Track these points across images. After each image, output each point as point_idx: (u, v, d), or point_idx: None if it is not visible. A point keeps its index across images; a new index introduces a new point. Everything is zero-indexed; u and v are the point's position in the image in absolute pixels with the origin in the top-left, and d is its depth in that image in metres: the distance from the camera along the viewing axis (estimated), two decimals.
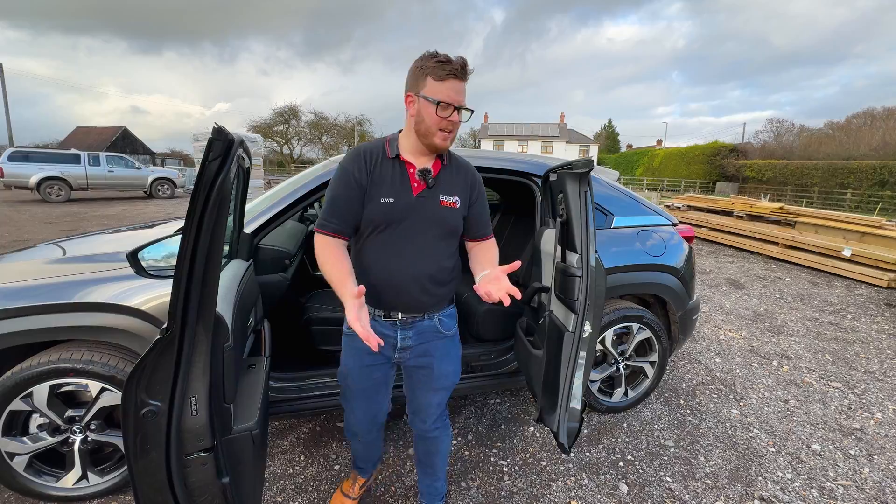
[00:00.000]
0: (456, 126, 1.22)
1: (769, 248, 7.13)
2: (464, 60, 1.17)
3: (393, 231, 1.24)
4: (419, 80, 1.17)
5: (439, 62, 1.14)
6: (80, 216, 9.41)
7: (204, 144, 1.40)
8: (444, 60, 1.15)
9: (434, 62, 1.15)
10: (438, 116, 1.16)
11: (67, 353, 1.56)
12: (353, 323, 1.03)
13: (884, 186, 18.85)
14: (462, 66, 1.16)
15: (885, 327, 4.04)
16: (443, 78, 1.14)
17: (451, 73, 1.15)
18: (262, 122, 38.53)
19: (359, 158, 1.23)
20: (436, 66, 1.14)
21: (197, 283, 0.87)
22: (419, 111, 1.18)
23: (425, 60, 1.17)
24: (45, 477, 1.65)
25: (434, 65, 1.14)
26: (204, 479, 1.01)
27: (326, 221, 1.21)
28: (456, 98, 1.17)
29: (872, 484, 1.96)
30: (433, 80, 1.15)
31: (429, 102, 1.16)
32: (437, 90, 1.15)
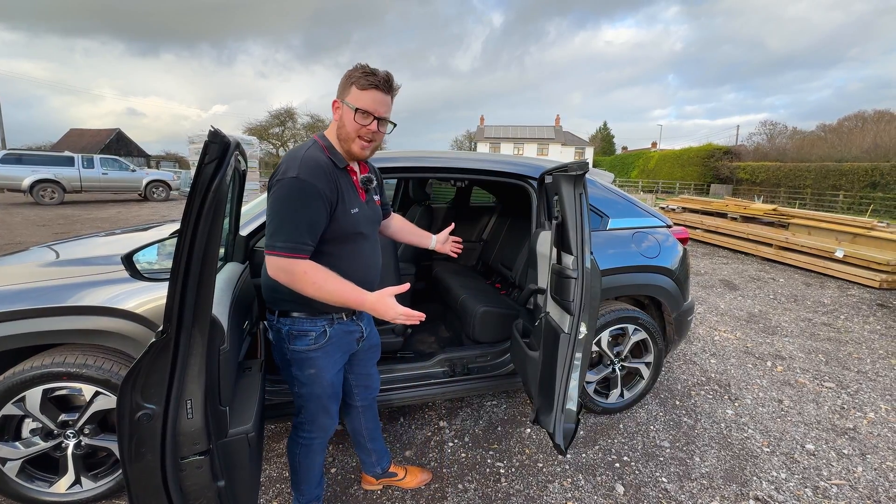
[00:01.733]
0: (376, 136, 1.26)
1: (763, 249, 7.19)
2: (388, 74, 1.23)
3: (357, 238, 1.32)
4: (345, 87, 1.22)
5: (364, 73, 1.19)
6: (74, 219, 9.34)
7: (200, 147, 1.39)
8: (368, 72, 1.20)
9: (360, 72, 1.20)
10: (357, 123, 1.21)
11: (61, 356, 1.55)
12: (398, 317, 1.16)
13: (875, 188, 19.06)
14: (385, 79, 1.21)
15: (877, 327, 4.08)
16: (365, 87, 1.19)
17: (374, 84, 1.19)
18: (258, 125, 38.44)
19: (322, 174, 1.19)
20: (360, 76, 1.19)
21: (193, 285, 0.87)
22: (342, 117, 1.23)
23: (353, 70, 1.22)
24: (38, 482, 1.63)
25: (360, 75, 1.19)
26: (199, 482, 1.00)
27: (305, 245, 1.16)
28: (375, 108, 1.21)
29: (865, 483, 1.98)
30: (356, 89, 1.20)
31: (349, 109, 1.20)
32: (358, 98, 1.20)
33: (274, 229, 1.15)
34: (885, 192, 18.58)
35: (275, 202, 1.16)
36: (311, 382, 1.38)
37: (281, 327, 1.33)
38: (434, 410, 2.47)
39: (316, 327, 1.33)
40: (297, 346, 1.33)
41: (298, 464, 1.53)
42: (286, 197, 1.14)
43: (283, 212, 1.14)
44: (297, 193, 1.14)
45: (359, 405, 1.67)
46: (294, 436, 1.52)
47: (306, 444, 1.49)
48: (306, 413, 1.45)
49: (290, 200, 1.14)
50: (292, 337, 1.32)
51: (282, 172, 1.18)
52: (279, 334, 1.34)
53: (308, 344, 1.33)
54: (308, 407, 1.43)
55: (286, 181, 1.15)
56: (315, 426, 1.47)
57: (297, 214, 1.15)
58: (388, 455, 1.84)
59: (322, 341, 1.34)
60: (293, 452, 1.53)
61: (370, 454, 1.77)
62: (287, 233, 1.14)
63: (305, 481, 1.55)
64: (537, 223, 2.25)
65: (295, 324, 1.32)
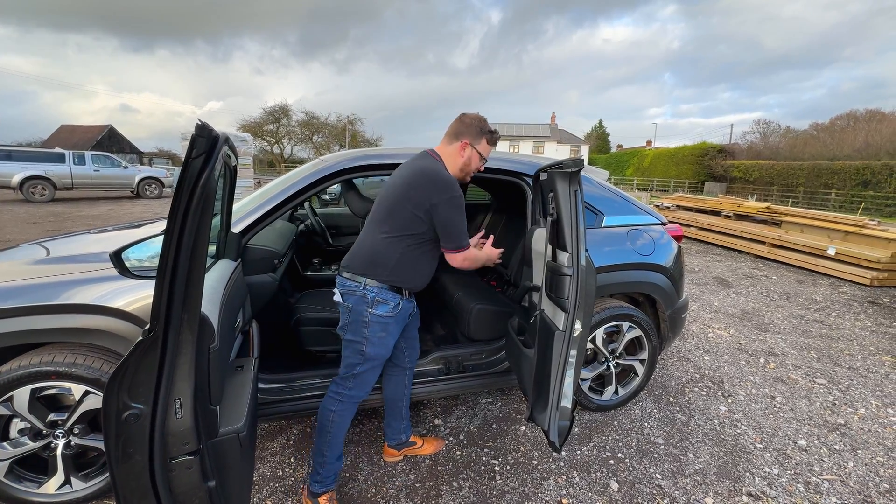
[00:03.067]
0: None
1: (756, 247, 7.24)
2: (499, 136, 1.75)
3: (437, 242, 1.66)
4: (479, 137, 1.66)
5: (492, 133, 1.68)
6: (65, 216, 9.22)
7: None
8: (496, 133, 1.70)
9: (490, 131, 1.67)
10: (476, 164, 1.70)
11: (49, 355, 1.53)
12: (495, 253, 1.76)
13: (866, 187, 19.26)
14: (499, 138, 1.74)
15: (868, 324, 4.12)
16: (492, 143, 1.71)
17: (496, 140, 1.71)
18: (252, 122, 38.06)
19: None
20: (491, 135, 1.68)
21: (181, 283, 0.85)
22: (470, 157, 1.66)
23: (485, 126, 1.66)
24: (27, 483, 1.60)
25: (490, 133, 1.68)
26: (189, 483, 0.99)
27: (466, 240, 1.61)
28: (489, 156, 1.73)
29: (856, 478, 2.00)
30: (486, 143, 1.68)
31: (479, 156, 1.68)
32: (486, 150, 1.70)
33: (451, 236, 1.57)
34: (876, 190, 18.78)
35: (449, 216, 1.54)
36: (380, 344, 1.62)
37: (367, 293, 1.56)
38: (429, 408, 2.46)
39: (395, 298, 1.60)
40: (378, 310, 1.57)
41: (331, 422, 1.64)
42: (458, 209, 1.55)
43: (457, 219, 1.55)
44: (460, 206, 1.56)
45: (408, 367, 1.92)
46: (334, 393, 1.67)
47: (344, 399, 1.65)
48: (360, 370, 1.63)
49: (460, 211, 1.55)
50: (377, 303, 1.57)
51: (446, 192, 1.52)
52: (364, 298, 1.57)
53: (387, 311, 1.59)
54: (364, 365, 1.63)
55: (453, 200, 1.53)
56: (361, 384, 1.65)
57: (462, 219, 1.57)
58: (411, 426, 2.06)
59: (397, 311, 1.61)
60: (328, 409, 1.65)
61: (402, 420, 1.97)
62: (459, 236, 1.58)
63: (331, 445, 1.65)
64: (532, 220, 2.24)
65: (381, 293, 1.57)
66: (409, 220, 1.54)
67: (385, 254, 1.57)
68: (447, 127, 1.70)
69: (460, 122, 1.66)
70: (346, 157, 2.06)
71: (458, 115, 1.70)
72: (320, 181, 1.97)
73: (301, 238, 3.59)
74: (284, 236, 2.58)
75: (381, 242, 1.58)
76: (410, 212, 1.53)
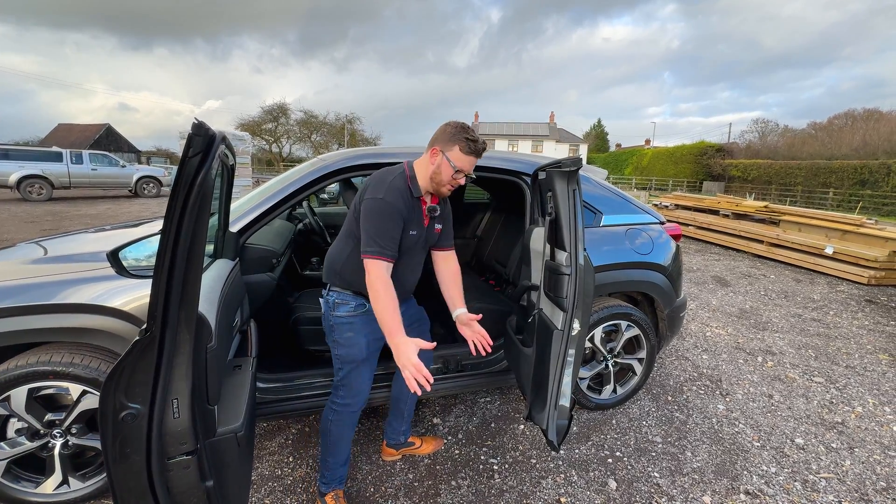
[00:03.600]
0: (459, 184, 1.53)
1: (754, 246, 7.25)
2: (485, 144, 1.49)
3: (408, 253, 1.56)
4: (450, 143, 1.45)
5: (469, 140, 1.44)
6: (63, 215, 9.19)
7: None
8: (473, 140, 1.44)
9: (465, 137, 1.44)
10: (452, 177, 1.48)
11: (47, 355, 1.52)
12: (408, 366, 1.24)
13: (864, 186, 19.30)
14: (483, 149, 1.49)
15: (865, 323, 4.14)
16: (468, 153, 1.45)
17: (474, 151, 1.46)
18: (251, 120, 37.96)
19: (401, 198, 1.44)
20: (466, 142, 1.44)
21: (178, 282, 0.85)
22: (439, 165, 1.47)
23: (460, 132, 1.45)
24: (24, 483, 1.60)
25: (465, 140, 1.44)
26: (187, 482, 0.99)
27: (386, 249, 1.40)
28: (469, 169, 1.49)
29: (853, 476, 2.00)
30: (460, 151, 1.44)
31: (450, 165, 1.45)
32: (459, 159, 1.45)
33: (367, 238, 1.40)
34: (873, 189, 18.82)
35: (365, 216, 1.41)
36: (349, 344, 1.58)
37: (329, 297, 1.58)
38: (428, 407, 2.46)
39: (356, 299, 1.57)
40: (339, 311, 1.56)
41: (329, 431, 1.64)
42: (372, 212, 1.40)
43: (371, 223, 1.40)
44: (376, 210, 1.40)
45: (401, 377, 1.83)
46: (329, 402, 1.67)
47: (339, 409, 1.63)
48: (342, 375, 1.61)
49: (374, 215, 1.40)
50: (337, 305, 1.56)
51: (372, 192, 1.42)
52: (327, 304, 1.58)
53: (348, 310, 1.56)
54: (343, 369, 1.60)
55: (374, 201, 1.40)
56: (350, 391, 1.62)
57: (379, 225, 1.40)
58: (411, 428, 2.07)
59: (362, 310, 1.57)
60: (326, 419, 1.65)
61: (403, 421, 1.97)
62: (376, 241, 1.39)
63: (333, 453, 1.65)
64: (531, 220, 2.24)
65: (340, 295, 1.57)
66: (352, 221, 1.53)
67: (336, 258, 1.58)
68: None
69: (440, 128, 1.53)
70: (344, 156, 2.05)
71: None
72: (319, 180, 1.97)
73: (299, 237, 3.58)
74: (283, 235, 2.57)
75: (336, 247, 1.61)
76: (352, 215, 1.53)
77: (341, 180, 2.11)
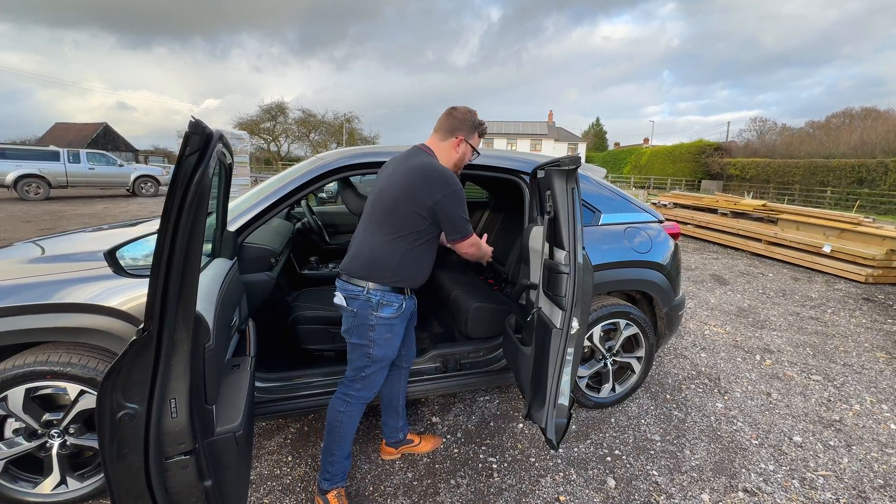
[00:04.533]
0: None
1: (752, 244, 7.27)
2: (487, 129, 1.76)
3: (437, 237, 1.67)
4: (472, 132, 1.68)
5: (483, 127, 1.71)
6: (60, 214, 9.16)
7: None
8: (485, 126, 1.72)
9: (481, 126, 1.70)
10: (469, 158, 1.71)
11: (44, 355, 1.52)
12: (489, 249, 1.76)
13: (861, 184, 19.35)
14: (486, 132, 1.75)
15: (862, 321, 4.15)
16: (482, 136, 1.74)
17: (484, 133, 1.73)
18: (249, 119, 37.88)
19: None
20: (482, 128, 1.70)
21: (175, 282, 0.85)
22: (464, 153, 1.68)
23: (476, 120, 1.68)
24: (22, 483, 1.60)
25: (481, 126, 1.70)
26: (185, 482, 0.98)
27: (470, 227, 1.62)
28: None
29: (851, 474, 2.01)
30: (478, 137, 1.71)
31: (471, 149, 1.70)
32: (477, 143, 1.73)
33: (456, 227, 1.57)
34: (871, 188, 18.87)
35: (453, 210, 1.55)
36: (386, 345, 1.62)
37: (371, 297, 1.56)
38: (427, 406, 2.46)
39: (399, 299, 1.60)
40: (383, 313, 1.57)
41: (340, 422, 1.65)
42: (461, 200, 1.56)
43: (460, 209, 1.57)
44: (461, 197, 1.57)
45: (405, 366, 1.93)
46: (342, 394, 1.67)
47: (353, 400, 1.66)
48: (367, 373, 1.64)
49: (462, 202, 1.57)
50: (381, 305, 1.57)
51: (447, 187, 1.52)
52: (368, 302, 1.56)
53: (392, 312, 1.59)
54: (372, 367, 1.63)
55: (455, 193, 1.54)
56: (369, 385, 1.66)
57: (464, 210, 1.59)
58: (408, 425, 2.07)
59: (401, 312, 1.61)
60: (336, 410, 1.66)
61: (399, 419, 1.98)
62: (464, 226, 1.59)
63: (340, 444, 1.66)
64: (530, 218, 2.24)
65: (385, 295, 1.57)
66: (410, 218, 1.53)
67: (387, 256, 1.55)
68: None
69: (453, 117, 1.65)
70: (342, 154, 2.05)
71: (446, 110, 1.68)
72: (317, 179, 1.96)
73: (298, 236, 3.58)
74: (281, 234, 2.57)
75: (381, 245, 1.56)
76: (411, 210, 1.52)
77: (340, 179, 2.10)
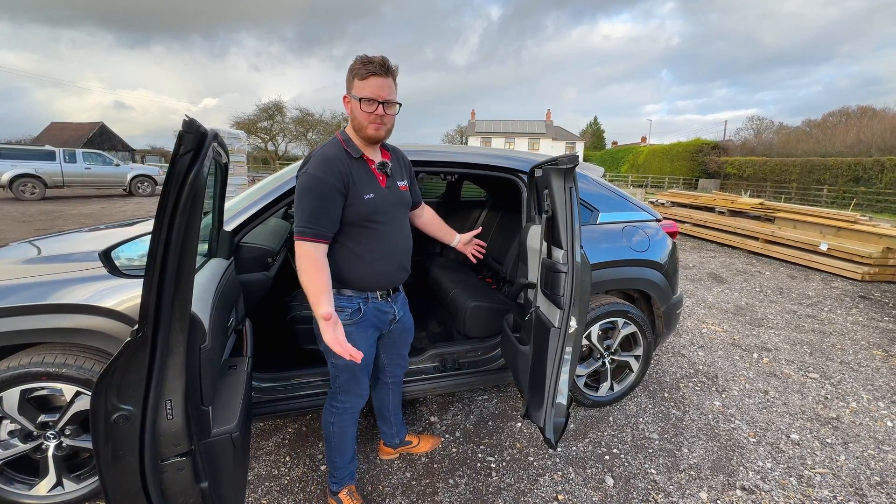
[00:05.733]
0: (385, 119, 1.34)
1: (750, 243, 7.29)
2: (383, 58, 1.30)
3: (378, 222, 1.41)
4: (350, 82, 1.32)
5: (362, 63, 1.28)
6: (56, 214, 9.11)
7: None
8: (366, 61, 1.28)
9: (358, 64, 1.28)
10: (364, 111, 1.30)
11: (39, 356, 1.50)
12: (332, 343, 1.21)
13: (858, 182, 19.42)
14: (381, 63, 1.28)
15: (859, 319, 4.17)
16: (365, 77, 1.28)
17: (372, 71, 1.27)
18: (246, 119, 37.78)
19: (332, 167, 1.30)
20: (359, 67, 1.28)
21: (170, 282, 0.84)
22: (352, 109, 1.33)
23: (353, 64, 1.30)
24: (17, 485, 1.59)
25: (358, 66, 1.28)
26: (181, 484, 0.98)
27: (320, 228, 1.28)
28: (378, 93, 1.29)
29: (848, 471, 2.02)
30: (358, 80, 1.29)
31: (355, 100, 1.30)
32: (361, 88, 1.29)
33: (296, 217, 1.30)
34: (867, 186, 18.94)
35: (295, 196, 1.31)
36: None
37: None
38: (425, 406, 2.46)
39: (352, 304, 1.45)
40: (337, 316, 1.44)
41: (332, 433, 1.62)
42: (300, 190, 1.30)
43: (299, 202, 1.29)
44: (302, 186, 1.29)
45: (390, 381, 1.83)
46: (328, 405, 1.63)
47: (339, 411, 1.61)
48: (340, 382, 1.56)
49: (303, 193, 1.29)
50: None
51: (300, 170, 1.33)
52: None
53: (344, 319, 1.42)
54: (341, 376, 1.55)
55: (300, 177, 1.31)
56: (348, 395, 1.59)
57: (304, 204, 1.28)
58: (405, 427, 2.04)
59: (357, 317, 1.46)
60: (327, 421, 1.63)
61: (392, 426, 1.94)
62: (299, 220, 1.28)
63: (339, 452, 1.65)
64: (528, 217, 2.24)
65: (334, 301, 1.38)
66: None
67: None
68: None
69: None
70: None
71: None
72: None
73: None
74: (278, 234, 2.56)
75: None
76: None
77: None
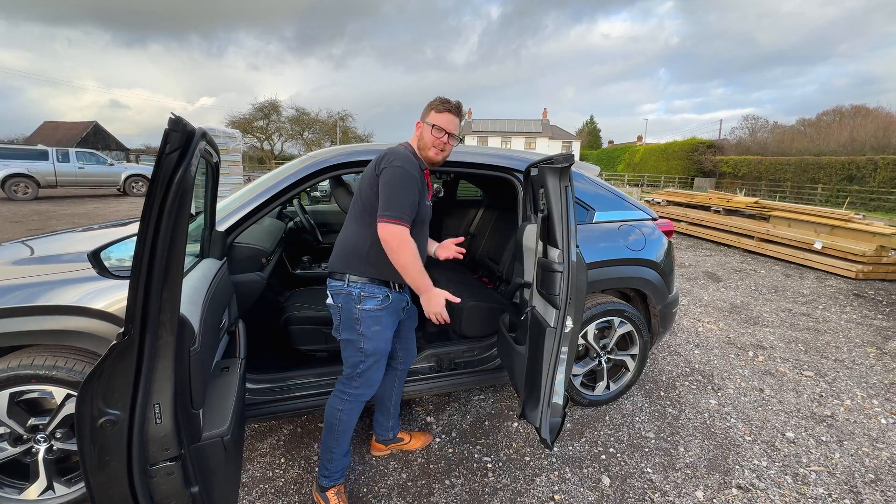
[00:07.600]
0: (446, 147, 1.61)
1: (745, 241, 7.32)
2: (458, 103, 1.61)
3: (423, 224, 1.64)
4: (427, 112, 1.61)
5: (441, 101, 1.59)
6: (49, 214, 9.03)
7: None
8: (444, 101, 1.59)
9: (438, 101, 1.59)
10: (433, 136, 1.57)
11: (29, 358, 1.48)
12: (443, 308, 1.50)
13: (852, 181, 19.55)
14: (457, 105, 1.60)
15: (853, 317, 4.19)
16: (441, 111, 1.58)
17: (447, 108, 1.58)
18: (241, 118, 37.58)
19: (416, 167, 1.53)
20: (438, 104, 1.59)
21: (157, 283, 0.82)
22: (422, 132, 1.60)
23: (433, 100, 1.60)
24: (7, 489, 1.56)
25: (438, 103, 1.59)
26: (171, 489, 0.96)
27: (405, 214, 1.44)
28: (447, 126, 1.58)
29: (843, 469, 2.02)
30: (434, 112, 1.59)
31: (427, 126, 1.58)
32: (435, 118, 1.58)
33: (385, 203, 1.44)
34: (861, 184, 19.07)
35: (385, 184, 1.46)
36: (376, 338, 1.59)
37: (352, 289, 1.55)
38: (421, 406, 2.45)
39: (381, 291, 1.58)
40: (366, 305, 1.56)
41: (339, 420, 1.64)
42: (396, 180, 1.46)
43: (394, 191, 1.45)
44: (398, 177, 1.46)
45: (400, 368, 1.90)
46: (339, 392, 1.66)
47: (350, 398, 1.64)
48: (363, 367, 1.61)
49: (400, 183, 1.46)
50: (364, 298, 1.55)
51: (388, 162, 1.48)
52: (350, 296, 1.55)
53: (376, 304, 1.56)
54: (367, 362, 1.60)
55: (392, 168, 1.47)
56: (366, 381, 1.64)
57: (400, 191, 1.45)
58: (399, 423, 2.07)
59: (387, 304, 1.59)
60: (335, 409, 1.64)
61: (390, 418, 1.97)
62: (395, 206, 1.43)
63: (338, 443, 1.65)
64: (523, 216, 2.23)
65: (366, 287, 1.55)
66: (371, 200, 1.51)
67: (358, 242, 1.56)
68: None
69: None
70: (335, 152, 2.02)
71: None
72: (309, 177, 1.94)
73: (290, 236, 3.54)
74: (272, 234, 2.54)
75: (353, 232, 1.58)
76: (369, 191, 1.53)
77: (332, 177, 2.08)
